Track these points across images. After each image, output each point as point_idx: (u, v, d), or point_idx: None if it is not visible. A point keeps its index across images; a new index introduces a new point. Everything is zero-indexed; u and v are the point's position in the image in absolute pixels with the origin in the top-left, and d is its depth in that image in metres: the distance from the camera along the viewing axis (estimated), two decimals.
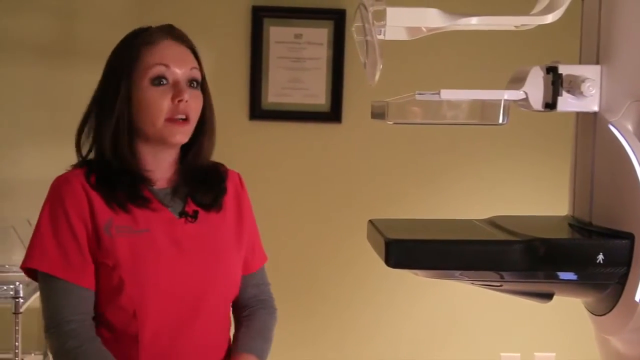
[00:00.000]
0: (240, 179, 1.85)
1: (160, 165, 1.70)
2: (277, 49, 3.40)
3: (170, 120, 1.63)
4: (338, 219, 3.48)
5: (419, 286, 3.47)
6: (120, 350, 1.64)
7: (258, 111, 3.42)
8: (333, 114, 3.43)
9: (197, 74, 1.69)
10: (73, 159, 1.72)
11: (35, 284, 2.77)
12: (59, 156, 1.76)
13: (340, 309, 3.54)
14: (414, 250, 1.30)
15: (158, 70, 1.63)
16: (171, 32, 1.69)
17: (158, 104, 1.62)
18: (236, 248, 1.77)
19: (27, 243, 1.68)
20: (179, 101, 1.63)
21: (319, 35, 3.41)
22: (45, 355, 3.21)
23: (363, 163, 3.50)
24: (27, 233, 2.70)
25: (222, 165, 1.82)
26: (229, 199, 1.79)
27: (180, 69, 1.65)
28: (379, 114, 1.41)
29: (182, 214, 1.69)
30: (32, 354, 3.21)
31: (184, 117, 1.64)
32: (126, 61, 1.64)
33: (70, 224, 1.62)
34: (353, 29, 1.40)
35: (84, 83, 1.74)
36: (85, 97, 1.72)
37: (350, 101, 3.43)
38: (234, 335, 1.78)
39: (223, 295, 1.74)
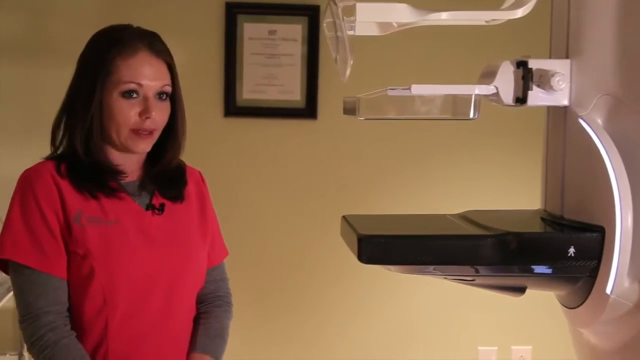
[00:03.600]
0: (201, 175, 1.90)
1: (128, 164, 1.74)
2: (251, 45, 3.40)
3: (135, 132, 1.67)
4: (313, 216, 3.48)
5: (394, 282, 3.48)
6: (90, 339, 1.66)
7: (233, 108, 3.41)
8: (308, 110, 3.43)
9: (168, 89, 1.71)
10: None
11: (8, 283, 2.75)
12: (32, 154, 1.76)
13: (315, 306, 3.54)
14: (386, 246, 1.30)
15: (129, 86, 1.66)
16: (151, 45, 1.70)
17: (125, 115, 1.66)
18: (201, 240, 1.80)
19: None
20: (146, 118, 1.66)
21: (293, 31, 3.40)
22: (20, 355, 3.19)
23: (338, 159, 3.50)
24: None
25: (182, 161, 1.85)
26: (191, 194, 1.83)
27: (152, 83, 1.68)
28: (350, 109, 1.41)
29: (150, 206, 1.73)
30: (7, 355, 3.18)
31: (145, 131, 1.68)
32: (101, 69, 1.66)
33: (42, 214, 1.63)
34: (324, 24, 1.40)
35: (57, 81, 1.74)
36: (58, 95, 1.72)
37: (325, 97, 3.43)
38: (192, 333, 1.79)
39: (190, 285, 1.78)
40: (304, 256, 3.52)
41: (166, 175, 1.78)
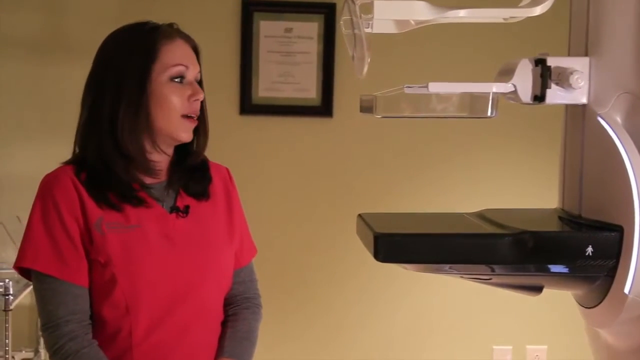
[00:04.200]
0: (229, 173, 1.86)
1: (158, 163, 1.70)
2: (267, 43, 3.40)
3: (185, 117, 1.65)
4: (329, 214, 3.48)
5: (409, 281, 3.47)
6: (114, 348, 1.64)
7: (248, 106, 3.41)
8: (324, 108, 3.43)
9: (199, 77, 1.71)
10: (63, 155, 1.71)
11: (25, 281, 2.77)
12: (49, 152, 1.76)
13: (330, 305, 3.54)
14: (402, 244, 1.30)
15: (179, 69, 1.65)
16: (180, 32, 1.70)
17: (176, 100, 1.64)
18: (228, 242, 1.77)
19: (16, 239, 1.68)
20: (195, 100, 1.65)
21: (309, 29, 3.40)
22: (35, 352, 3.20)
23: (354, 157, 3.49)
24: (17, 229, 2.69)
25: (205, 156, 1.82)
26: (218, 192, 1.80)
27: (193, 69, 1.67)
28: (367, 107, 1.40)
29: (174, 209, 1.70)
30: (23, 351, 3.20)
31: (194, 115, 1.67)
32: (147, 55, 1.63)
33: (62, 221, 1.61)
34: (341, 22, 1.40)
35: (75, 80, 1.73)
36: (76, 94, 1.71)
37: (341, 95, 3.43)
38: (219, 336, 1.76)
39: (215, 289, 1.74)
40: (319, 255, 3.51)
41: (191, 170, 1.75)
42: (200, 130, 1.73)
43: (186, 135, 1.67)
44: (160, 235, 1.66)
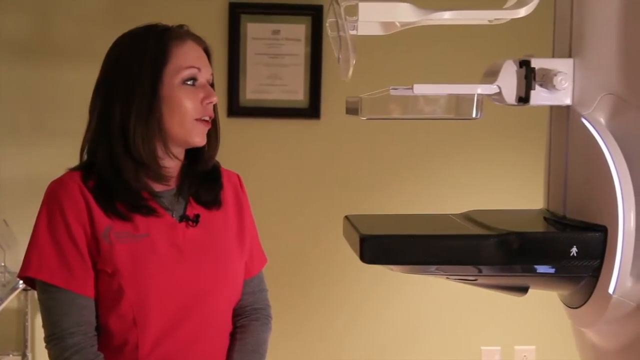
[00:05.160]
0: (239, 180, 1.83)
1: (172, 165, 1.67)
2: (254, 45, 3.40)
3: (199, 120, 1.62)
4: (316, 215, 3.48)
5: (397, 282, 3.47)
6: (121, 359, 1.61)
7: (236, 108, 3.41)
8: (312, 110, 3.43)
9: (212, 79, 1.69)
10: (52, 157, 1.69)
11: (12, 284, 2.76)
12: (38, 155, 1.74)
13: (318, 307, 3.54)
14: (388, 246, 1.30)
15: (192, 72, 1.61)
16: (190, 33, 1.68)
17: (189, 104, 1.60)
18: (238, 251, 1.74)
19: (3, 243, 1.66)
20: (209, 103, 1.62)
21: (297, 31, 3.40)
22: (23, 356, 3.19)
23: (341, 159, 3.50)
24: (4, 233, 2.69)
25: (217, 161, 1.79)
26: (229, 199, 1.76)
27: (205, 71, 1.65)
28: (353, 109, 1.40)
29: (183, 217, 1.66)
30: (10, 355, 3.18)
31: (208, 118, 1.63)
32: (157, 58, 1.60)
33: (69, 229, 1.57)
34: (327, 24, 1.40)
35: (65, 83, 1.72)
36: (66, 97, 1.69)
37: (328, 97, 3.43)
38: (228, 348, 1.74)
39: (225, 300, 1.71)
40: (307, 256, 3.51)
41: (201, 177, 1.71)
42: (212, 134, 1.69)
43: (200, 140, 1.64)
44: (169, 245, 1.62)
